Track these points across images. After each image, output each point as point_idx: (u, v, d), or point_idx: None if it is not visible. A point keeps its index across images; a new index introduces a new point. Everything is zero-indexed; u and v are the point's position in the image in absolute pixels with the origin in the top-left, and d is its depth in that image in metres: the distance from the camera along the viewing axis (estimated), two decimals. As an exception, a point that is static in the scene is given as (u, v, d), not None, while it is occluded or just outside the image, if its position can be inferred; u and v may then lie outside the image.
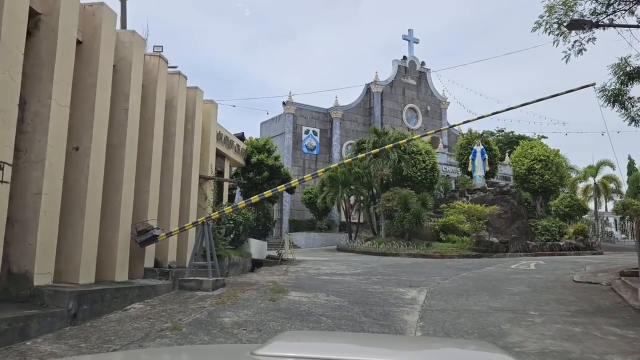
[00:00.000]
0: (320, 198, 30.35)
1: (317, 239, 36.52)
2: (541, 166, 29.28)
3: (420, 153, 29.25)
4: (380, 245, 25.85)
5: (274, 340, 1.84)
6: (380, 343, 2.32)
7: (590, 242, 25.53)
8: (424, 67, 46.01)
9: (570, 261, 16.90)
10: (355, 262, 18.74)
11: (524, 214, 29.50)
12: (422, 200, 26.02)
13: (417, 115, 45.16)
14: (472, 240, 24.17)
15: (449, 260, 19.77)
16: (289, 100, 40.27)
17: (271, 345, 1.71)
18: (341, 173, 28.78)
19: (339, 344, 2.08)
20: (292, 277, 12.71)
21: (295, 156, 40.09)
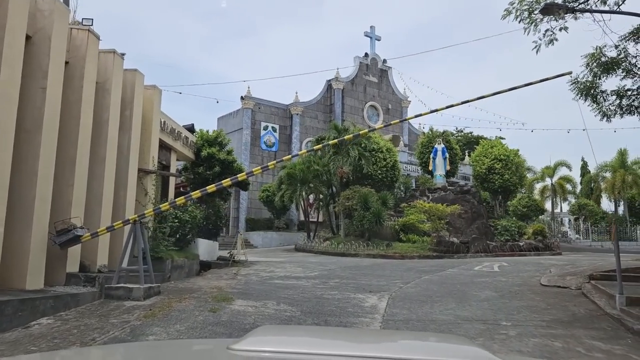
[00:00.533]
0: (277, 196, 29.23)
1: (274, 238, 35.38)
2: (501, 166, 29.06)
3: (381, 151, 28.53)
4: (339, 245, 24.96)
5: (251, 335, 1.81)
6: (359, 337, 2.34)
7: (549, 243, 25.37)
8: (386, 65, 45.50)
9: (533, 262, 16.41)
10: (313, 263, 17.74)
11: (483, 213, 29.21)
12: (383, 199, 25.28)
13: (378, 113, 44.59)
14: (432, 241, 23.58)
15: (409, 262, 19.03)
16: (248, 94, 38.93)
17: (248, 340, 1.70)
18: (299, 170, 27.76)
19: (317, 338, 2.08)
20: (242, 281, 11.58)
21: (254, 153, 38.80)
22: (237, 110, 39.92)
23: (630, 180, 33.81)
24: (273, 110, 40.24)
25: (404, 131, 45.39)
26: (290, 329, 3.76)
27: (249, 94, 38.92)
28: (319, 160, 29.05)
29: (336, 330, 4.08)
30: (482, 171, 29.65)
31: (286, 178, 28.44)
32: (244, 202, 37.59)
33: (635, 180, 33.97)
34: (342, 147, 26.60)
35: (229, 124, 40.60)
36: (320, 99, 41.90)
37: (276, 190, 30.30)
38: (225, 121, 41.25)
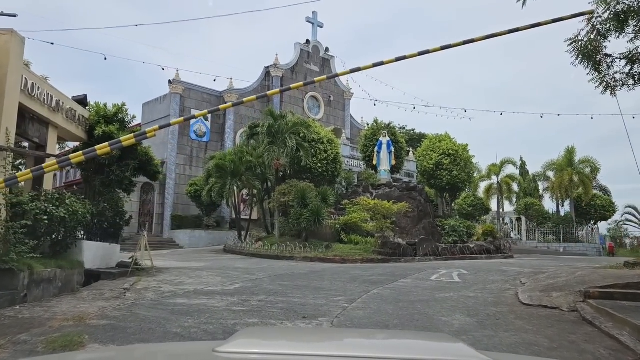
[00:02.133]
0: (205, 190, 25.93)
1: (203, 237, 31.97)
2: (450, 161, 27.05)
3: (322, 142, 25.82)
4: (272, 246, 22.03)
5: (237, 337, 1.82)
6: (346, 336, 2.33)
7: (500, 245, 23.56)
8: (328, 54, 42.90)
9: (494, 270, 14.17)
10: (238, 270, 14.72)
11: (430, 212, 27.16)
12: (323, 195, 22.57)
13: (319, 105, 41.95)
14: (377, 242, 21.13)
15: (352, 267, 16.38)
16: (176, 78, 35.15)
17: (234, 342, 1.68)
18: (230, 161, 24.59)
19: (303, 340, 2.06)
20: (127, 302, 8.42)
21: (182, 143, 35.11)
22: (165, 95, 36.05)
23: (577, 180, 32.98)
24: (205, 97, 36.65)
25: (346, 124, 43.01)
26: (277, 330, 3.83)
27: (177, 78, 35.15)
28: (253, 151, 26.00)
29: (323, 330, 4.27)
30: (430, 167, 27.55)
31: (215, 170, 25.19)
32: (169, 197, 33.89)
33: (582, 180, 33.16)
34: (279, 137, 23.67)
35: (155, 111, 36.67)
36: (258, 86, 38.69)
37: (203, 183, 26.96)
38: (151, 108, 37.25)
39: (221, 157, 25.42)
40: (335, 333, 2.89)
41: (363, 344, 1.99)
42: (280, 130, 23.68)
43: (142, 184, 33.56)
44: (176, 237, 32.60)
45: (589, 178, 34.08)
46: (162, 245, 31.55)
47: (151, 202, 34.30)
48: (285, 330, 3.91)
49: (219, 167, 25.08)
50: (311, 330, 4.24)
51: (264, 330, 3.63)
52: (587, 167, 34.49)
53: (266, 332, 2.50)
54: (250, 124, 26.15)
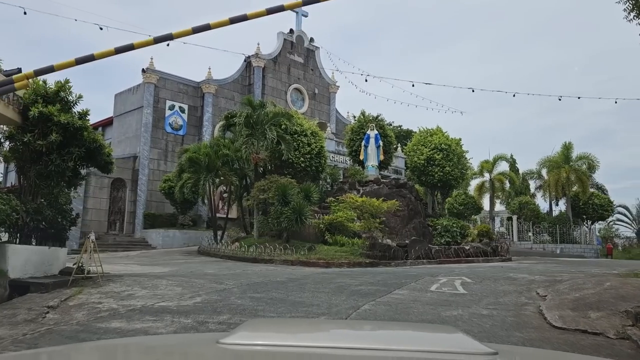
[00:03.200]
0: (177, 186, 23.80)
1: (177, 237, 29.81)
2: (442, 156, 25.21)
3: (305, 134, 23.82)
4: (250, 248, 20.04)
5: (241, 328, 1.82)
6: (349, 328, 2.34)
7: (497, 246, 21.81)
8: (313, 45, 40.91)
9: (502, 277, 12.33)
10: (207, 277, 12.72)
11: (421, 211, 25.34)
12: (305, 192, 20.59)
13: (304, 98, 39.96)
14: (364, 243, 19.25)
15: (338, 273, 14.46)
16: (150, 67, 32.87)
17: (239, 334, 1.68)
18: (205, 155, 22.51)
19: (307, 331, 2.07)
20: (41, 330, 6.38)
21: (156, 136, 32.85)
22: (138, 85, 33.73)
23: (575, 177, 31.41)
24: (181, 88, 34.43)
25: (331, 119, 41.09)
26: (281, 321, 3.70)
27: (152, 67, 32.87)
28: (230, 144, 23.95)
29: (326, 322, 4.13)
30: (420, 162, 25.68)
31: (188, 164, 23.09)
32: (142, 194, 31.63)
33: (579, 177, 31.60)
34: (258, 128, 21.64)
35: (127, 102, 34.40)
36: (238, 77, 36.59)
37: (176, 179, 24.84)
38: (123, 98, 34.94)
39: (195, 151, 23.32)
40: (339, 325, 2.81)
41: (366, 335, 1.99)
42: (259, 120, 21.66)
43: (112, 180, 31.32)
44: (149, 236, 30.40)
45: (586, 175, 32.58)
46: (133, 245, 29.36)
47: (122, 200, 32.01)
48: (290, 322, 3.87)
49: (192, 161, 22.98)
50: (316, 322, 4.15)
51: (268, 322, 3.64)
52: (584, 163, 33.00)
53: (271, 324, 2.51)
54: (227, 114, 24.03)
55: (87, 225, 29.91)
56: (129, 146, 33.41)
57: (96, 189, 30.44)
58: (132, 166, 32.28)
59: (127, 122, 34.10)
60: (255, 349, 1.59)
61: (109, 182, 31.13)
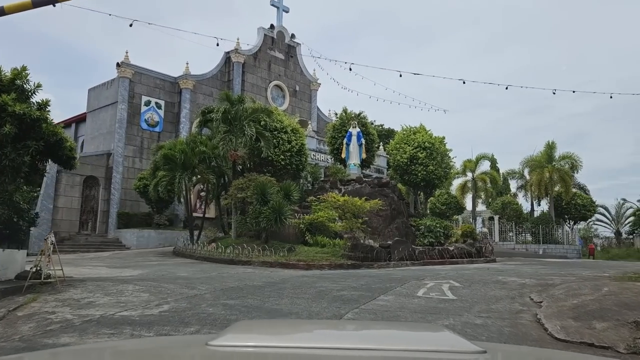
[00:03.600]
0: (152, 185, 22.80)
1: (153, 237, 28.77)
2: (425, 155, 24.63)
3: (285, 131, 23.05)
4: (227, 249, 19.19)
5: (229, 330, 1.79)
6: (338, 329, 2.33)
7: (481, 247, 21.30)
8: (294, 41, 40.10)
9: (491, 281, 11.73)
10: (179, 281, 11.88)
11: (404, 211, 24.75)
12: (285, 191, 19.82)
13: (284, 95, 39.13)
14: (346, 244, 18.56)
15: (318, 275, 13.74)
16: (125, 60, 31.72)
17: (227, 336, 1.66)
18: (180, 152, 21.57)
19: (297, 332, 2.06)
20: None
21: (131, 132, 31.69)
22: (112, 79, 32.53)
23: (557, 177, 31.14)
24: (158, 83, 33.31)
25: (312, 117, 40.35)
26: (269, 323, 3.59)
27: (127, 60, 31.72)
28: (208, 141, 23.05)
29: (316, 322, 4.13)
30: (403, 161, 25.06)
31: (163, 162, 22.11)
32: (116, 192, 30.48)
33: (562, 177, 31.36)
34: (236, 124, 20.80)
35: (101, 97, 33.17)
36: (217, 73, 35.59)
37: (150, 177, 23.84)
38: (97, 93, 33.69)
39: (170, 147, 22.37)
40: (328, 325, 2.80)
41: (356, 335, 1.98)
42: (238, 116, 20.82)
43: (84, 177, 30.13)
44: (122, 237, 29.30)
45: (569, 175, 32.38)
46: (106, 246, 28.25)
47: (95, 198, 30.81)
48: (279, 323, 3.61)
49: (167, 159, 22.02)
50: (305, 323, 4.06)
51: (258, 323, 3.58)
52: (567, 163, 32.79)
53: (260, 325, 2.46)
54: (203, 109, 23.07)
55: (58, 225, 28.70)
56: (103, 143, 32.23)
57: (67, 187, 29.23)
58: (105, 163, 31.12)
59: (101, 118, 32.89)
60: (244, 351, 1.58)
61: (80, 180, 29.93)
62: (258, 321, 4.82)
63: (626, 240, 45.58)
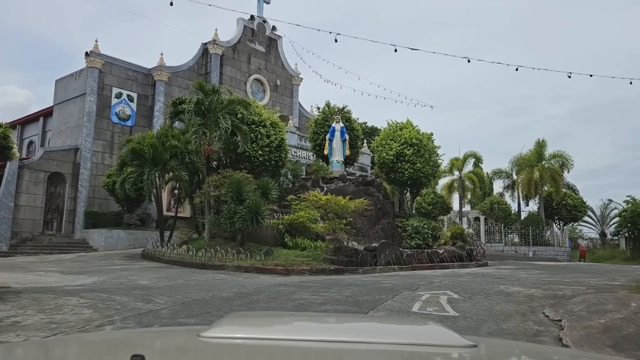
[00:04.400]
0: (118, 182, 21.08)
1: (122, 238, 26.97)
2: (412, 152, 23.27)
3: (264, 125, 21.50)
4: (199, 252, 17.60)
5: (221, 321, 1.78)
6: (330, 322, 2.31)
7: (472, 250, 20.01)
8: (275, 34, 38.50)
9: (493, 291, 10.34)
10: (135, 292, 10.29)
11: (390, 211, 23.40)
12: (263, 189, 18.32)
13: (265, 90, 37.52)
14: (328, 247, 17.13)
15: (297, 283, 12.25)
16: (95, 50, 29.81)
17: (219, 327, 1.66)
18: (149, 146, 19.88)
19: (289, 324, 2.06)
20: None
21: (101, 126, 29.80)
22: (81, 70, 30.59)
23: (548, 176, 30.07)
24: (130, 74, 31.45)
25: (294, 112, 38.79)
26: (261, 315, 3.54)
27: (96, 50, 29.81)
28: (181, 135, 21.39)
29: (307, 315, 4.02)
30: (389, 158, 23.67)
31: (130, 156, 20.39)
32: (83, 190, 28.58)
33: (553, 176, 30.31)
34: (210, 116, 19.21)
35: (69, 88, 31.22)
36: (194, 65, 33.83)
37: (117, 173, 22.11)
38: (65, 85, 31.71)
39: (139, 141, 20.66)
40: (321, 318, 2.76)
41: (347, 328, 1.99)
42: (212, 108, 19.21)
43: (49, 174, 28.18)
44: (90, 237, 27.44)
45: (560, 174, 31.35)
46: (71, 247, 26.34)
47: (61, 196, 28.87)
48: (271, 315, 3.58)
49: (135, 153, 20.32)
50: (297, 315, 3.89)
51: (249, 315, 3.30)
52: (558, 162, 31.78)
53: (251, 317, 2.42)
54: (174, 99, 21.33)
55: (20, 224, 26.77)
56: (70, 137, 30.28)
57: (30, 184, 27.27)
58: (72, 159, 29.18)
59: (69, 110, 30.92)
60: (236, 342, 1.58)
61: (45, 177, 27.99)
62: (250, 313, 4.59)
63: (611, 242, 44.99)
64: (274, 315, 3.47)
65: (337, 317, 3.58)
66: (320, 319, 2.55)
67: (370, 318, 3.41)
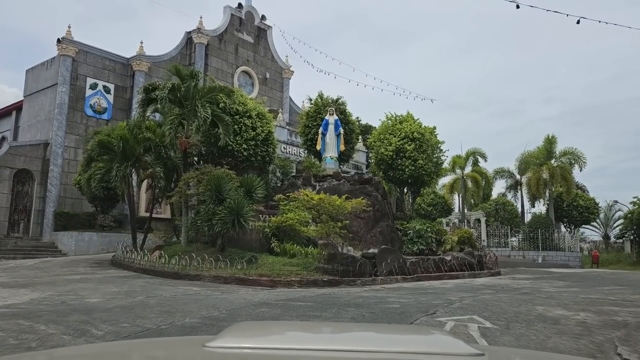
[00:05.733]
0: (84, 178, 18.74)
1: (95, 242, 24.61)
2: (414, 147, 21.06)
3: (249, 115, 19.22)
4: (172, 259, 15.28)
5: (227, 331, 1.75)
6: (337, 330, 2.29)
7: (481, 256, 17.83)
8: (264, 23, 36.24)
9: (533, 316, 8.10)
10: (73, 316, 8.02)
11: (389, 213, 21.19)
12: (247, 187, 16.06)
13: (253, 83, 35.25)
14: (321, 253, 14.89)
15: (284, 301, 10.01)
16: (68, 37, 27.39)
17: (225, 337, 1.63)
18: (119, 138, 17.53)
19: (296, 333, 2.05)
20: None
21: (73, 119, 27.41)
22: (53, 58, 28.19)
23: (558, 175, 27.92)
24: (107, 64, 29.08)
25: (284, 107, 36.54)
26: (268, 324, 3.38)
27: (69, 37, 27.39)
28: (156, 127, 19.10)
29: (314, 324, 3.90)
30: (388, 154, 21.46)
31: (98, 150, 18.04)
32: (53, 188, 26.18)
33: (563, 175, 28.16)
34: (187, 105, 16.92)
35: (40, 79, 28.81)
36: (176, 55, 31.48)
37: (83, 169, 19.75)
38: (36, 75, 29.29)
39: (108, 133, 18.32)
40: (326, 327, 2.68)
41: (353, 337, 1.97)
42: (190, 95, 16.91)
43: (15, 171, 25.74)
44: (59, 240, 25.04)
45: (570, 173, 29.18)
46: (37, 252, 23.88)
47: (29, 195, 26.44)
48: (277, 324, 3.38)
49: (103, 147, 17.99)
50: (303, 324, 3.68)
51: (255, 324, 3.26)
52: (568, 160, 29.66)
53: (258, 327, 2.39)
54: (146, 85, 18.92)
55: (-19, 226, 24.38)
56: (40, 131, 27.87)
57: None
58: (42, 155, 26.78)
59: (39, 102, 28.51)
60: (242, 352, 1.58)
61: (10, 174, 25.55)
62: (256, 322, 4.36)
63: (615, 244, 43.14)
64: (281, 324, 3.36)
65: (344, 326, 3.52)
66: (326, 328, 2.47)
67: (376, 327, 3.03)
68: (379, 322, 7.56)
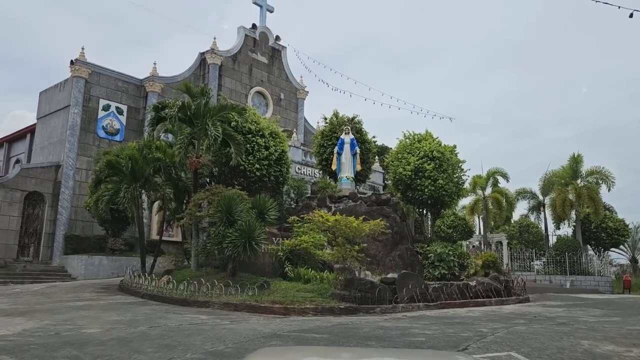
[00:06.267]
0: (92, 200, 18.16)
1: (104, 265, 23.93)
2: (433, 166, 20.16)
3: (262, 134, 18.54)
4: (180, 284, 14.50)
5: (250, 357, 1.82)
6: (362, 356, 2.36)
7: (507, 282, 16.72)
8: (279, 44, 35.93)
9: (579, 353, 7.16)
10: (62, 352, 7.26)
11: (408, 235, 20.23)
12: (259, 208, 15.28)
13: (267, 103, 34.77)
14: (337, 279, 13.95)
15: (297, 333, 9.12)
16: (81, 58, 27.24)
17: None
18: (128, 158, 16.96)
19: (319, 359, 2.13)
20: None
21: (85, 141, 27.03)
22: (66, 80, 28.02)
23: (586, 195, 26.70)
24: (120, 85, 28.82)
25: (299, 128, 35.95)
26: (290, 350, 3.42)
27: (82, 58, 27.23)
28: (167, 147, 18.53)
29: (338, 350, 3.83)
30: (407, 174, 20.58)
31: (107, 171, 17.48)
32: (64, 211, 25.67)
33: (591, 196, 26.94)
34: (198, 123, 16.33)
35: (53, 101, 28.63)
36: (190, 76, 31.12)
37: (91, 190, 19.19)
38: (49, 97, 29.15)
39: (116, 154, 17.78)
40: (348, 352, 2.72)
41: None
42: (200, 113, 16.32)
43: (26, 193, 25.33)
44: (69, 264, 24.42)
45: (598, 193, 27.87)
46: (46, 276, 23.26)
47: (39, 218, 25.97)
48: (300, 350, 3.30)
49: (112, 167, 17.43)
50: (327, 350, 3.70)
51: (278, 350, 3.37)
52: (596, 179, 28.42)
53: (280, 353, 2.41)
54: (156, 104, 18.44)
55: (-9, 249, 23.90)
56: (52, 153, 27.55)
57: (4, 205, 24.41)
58: (53, 177, 26.36)
59: (52, 124, 28.27)
60: None
61: (21, 197, 25.14)
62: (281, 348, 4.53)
63: (644, 268, 41.32)
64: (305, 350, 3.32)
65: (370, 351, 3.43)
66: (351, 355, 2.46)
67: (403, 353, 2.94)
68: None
